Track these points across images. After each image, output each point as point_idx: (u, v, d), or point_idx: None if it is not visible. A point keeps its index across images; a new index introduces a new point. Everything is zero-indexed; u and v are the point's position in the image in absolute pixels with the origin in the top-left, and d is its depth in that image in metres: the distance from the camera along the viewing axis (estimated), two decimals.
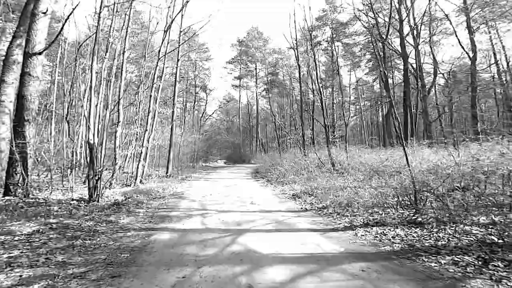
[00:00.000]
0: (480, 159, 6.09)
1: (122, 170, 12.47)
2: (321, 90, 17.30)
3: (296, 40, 18.31)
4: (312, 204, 7.86)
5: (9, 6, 12.06)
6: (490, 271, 3.33)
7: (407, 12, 21.92)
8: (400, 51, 22.31)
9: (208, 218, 6.45)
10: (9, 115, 7.84)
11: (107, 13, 17.69)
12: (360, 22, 25.92)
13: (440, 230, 4.85)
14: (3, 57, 8.64)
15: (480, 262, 3.58)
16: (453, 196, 6.06)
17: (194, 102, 40.20)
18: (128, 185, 11.63)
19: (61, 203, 7.39)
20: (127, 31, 13.14)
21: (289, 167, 14.99)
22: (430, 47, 24.11)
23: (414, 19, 22.43)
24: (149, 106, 12.83)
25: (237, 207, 7.66)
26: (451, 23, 22.24)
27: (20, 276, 3.40)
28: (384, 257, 4.03)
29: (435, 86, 25.33)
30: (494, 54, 23.71)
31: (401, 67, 25.00)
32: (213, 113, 44.13)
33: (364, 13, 23.41)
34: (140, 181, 12.42)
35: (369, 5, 22.18)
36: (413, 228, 5.21)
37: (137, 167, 11.79)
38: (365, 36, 31.60)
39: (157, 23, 19.04)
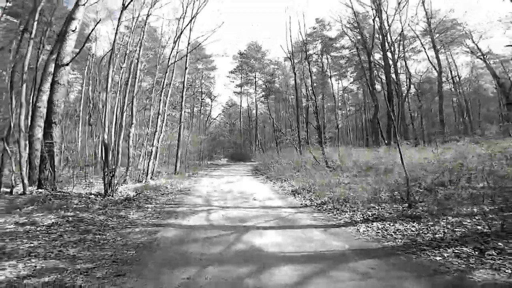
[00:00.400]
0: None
1: (135, 168, 11.91)
2: (315, 96, 16.85)
3: (292, 53, 18.25)
4: (312, 200, 7.29)
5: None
6: (489, 261, 3.10)
7: (384, 32, 22.15)
8: (383, 64, 22.35)
9: (213, 214, 5.88)
10: (42, 119, 8.23)
11: (126, 30, 17.47)
12: (348, 37, 26.70)
13: (435, 223, 4.53)
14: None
15: (477, 252, 3.33)
16: (442, 190, 5.83)
17: (200, 107, 40.74)
18: (140, 181, 11.08)
19: (81, 197, 7.16)
20: (140, 44, 12.91)
21: (287, 165, 14.44)
22: (405, 61, 25.23)
23: (390, 37, 22.85)
24: (159, 109, 12.32)
25: (240, 203, 7.08)
26: (421, 42, 24.62)
27: (35, 267, 3.17)
28: (389, 253, 3.57)
29: (408, 95, 26.13)
30: (451, 70, 25.83)
31: (381, 77, 25.40)
32: (217, 116, 43.89)
33: (350, 29, 23.84)
34: (151, 178, 11.88)
35: (356, 23, 22.54)
36: (410, 222, 4.79)
37: (148, 165, 11.25)
38: (350, 50, 32.36)
39: (169, 38, 18.47)
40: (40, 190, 7.42)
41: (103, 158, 7.94)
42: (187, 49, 16.06)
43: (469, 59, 26.17)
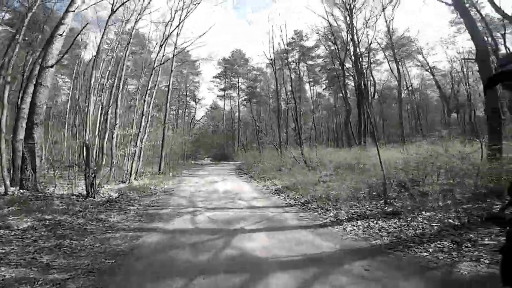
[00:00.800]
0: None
1: (119, 168, 11.09)
2: (295, 100, 16.76)
3: (274, 60, 18.19)
4: (295, 199, 6.95)
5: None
6: (467, 253, 3.05)
7: (356, 44, 22.88)
8: (355, 72, 22.94)
9: (198, 216, 5.34)
10: (25, 120, 7.78)
11: (114, 36, 16.49)
12: (324, 47, 27.54)
13: (413, 219, 4.41)
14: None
15: (455, 245, 3.27)
16: (415, 186, 5.79)
17: (185, 109, 40.37)
18: (124, 182, 10.29)
19: (62, 198, 6.57)
20: (127, 48, 12.12)
21: (269, 164, 14.11)
22: (370, 71, 26.38)
23: (359, 49, 23.44)
24: (143, 109, 11.54)
25: (225, 203, 6.59)
26: (384, 55, 26.73)
27: (4, 276, 2.71)
28: (379, 251, 3.34)
29: (372, 100, 27.40)
30: (405, 80, 27.97)
31: (351, 84, 26.60)
32: (201, 118, 43.15)
33: (326, 39, 24.51)
34: (135, 178, 11.09)
35: (331, 35, 23.11)
36: (391, 219, 4.62)
37: (132, 165, 10.47)
38: (323, 59, 33.82)
39: (156, 44, 17.61)
40: (22, 191, 6.82)
41: (84, 159, 7.35)
42: (173, 53, 15.33)
43: (419, 71, 29.43)
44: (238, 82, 42.15)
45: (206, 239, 3.93)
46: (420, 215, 4.49)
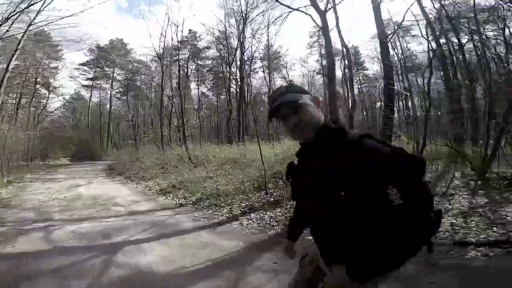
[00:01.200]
0: None
1: None
2: (181, 97, 15.76)
3: (162, 55, 16.58)
4: (186, 198, 6.29)
5: None
6: None
7: (243, 52, 24.74)
8: (239, 76, 24.27)
9: (57, 231, 3.87)
10: None
11: None
12: (216, 50, 28.16)
13: (291, 206, 4.60)
14: None
15: None
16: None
17: (32, 98, 30.39)
18: None
19: None
20: None
21: (150, 162, 12.55)
22: (249, 77, 28.46)
23: (242, 56, 25.24)
24: None
25: (96, 212, 5.14)
26: (262, 65, 29.44)
27: None
28: (277, 242, 3.30)
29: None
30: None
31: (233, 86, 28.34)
32: (56, 109, 33.70)
33: (219, 43, 24.95)
34: None
35: (225, 39, 23.62)
36: (276, 208, 4.81)
37: None
38: (211, 61, 34.49)
39: None
40: None
41: None
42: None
43: (282, 82, 33.59)
44: (114, 73, 36.60)
45: (75, 260, 2.83)
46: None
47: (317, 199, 0.87)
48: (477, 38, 9.03)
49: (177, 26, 17.73)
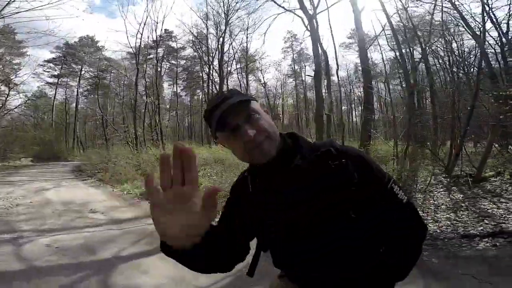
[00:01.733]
0: None
1: None
2: (158, 95, 15.03)
3: (138, 53, 15.65)
4: None
5: None
6: None
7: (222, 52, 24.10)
8: (219, 77, 24.02)
9: (28, 245, 3.24)
10: None
11: None
12: (193, 50, 27.80)
13: None
14: None
15: None
16: None
17: None
18: None
19: None
20: None
21: (125, 163, 11.66)
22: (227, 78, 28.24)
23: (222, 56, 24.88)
24: None
25: (71, 220, 4.47)
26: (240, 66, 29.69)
27: None
28: None
29: None
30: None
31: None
32: (16, 107, 30.49)
33: (200, 42, 24.65)
34: None
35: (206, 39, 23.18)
36: None
37: None
38: (186, 61, 34.42)
39: None
40: None
41: None
42: None
43: (256, 85, 34.74)
44: (81, 70, 34.29)
45: (61, 284, 2.29)
46: None
47: (287, 218, 0.70)
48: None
49: (157, 23, 17.23)
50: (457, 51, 10.39)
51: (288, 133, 0.79)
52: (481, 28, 6.82)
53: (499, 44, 8.28)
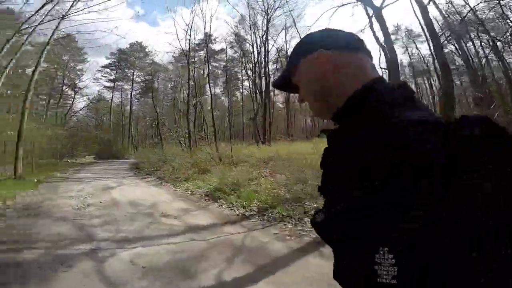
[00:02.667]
0: None
1: None
2: (212, 96, 14.88)
3: (189, 54, 15.74)
4: (244, 206, 5.06)
5: None
6: None
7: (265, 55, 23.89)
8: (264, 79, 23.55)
9: (111, 261, 2.63)
10: None
11: None
12: (235, 50, 28.10)
13: None
14: None
15: None
16: None
17: (60, 99, 31.17)
18: None
19: None
20: None
21: (182, 162, 11.48)
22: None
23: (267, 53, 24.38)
24: None
25: (146, 226, 3.90)
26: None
27: None
28: None
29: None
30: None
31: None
32: (80, 109, 34.03)
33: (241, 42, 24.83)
34: None
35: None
36: None
37: None
38: (224, 63, 34.48)
39: None
40: None
41: None
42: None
43: None
44: (134, 74, 36.86)
45: None
46: None
47: None
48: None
49: (205, 22, 17.37)
50: None
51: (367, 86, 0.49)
52: None
53: None
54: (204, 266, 2.52)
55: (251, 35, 23.71)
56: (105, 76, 37.00)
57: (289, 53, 0.65)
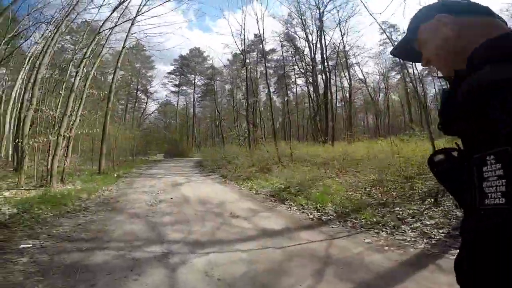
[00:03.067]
0: None
1: (36, 167, 7.18)
2: (271, 96, 14.65)
3: (245, 52, 15.74)
4: (317, 208, 4.46)
5: None
6: None
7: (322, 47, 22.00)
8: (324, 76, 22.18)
9: (183, 270, 2.32)
10: None
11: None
12: (288, 47, 27.37)
13: None
14: None
15: None
16: None
17: (135, 104, 36.00)
18: (41, 186, 6.54)
19: None
20: None
21: (243, 160, 11.45)
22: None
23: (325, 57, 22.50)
24: (73, 85, 7.57)
25: (217, 229, 3.58)
26: (341, 63, 24.73)
27: None
28: None
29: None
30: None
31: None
32: (152, 113, 38.47)
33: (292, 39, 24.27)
34: (61, 180, 7.31)
35: (306, 38, 21.81)
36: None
37: (51, 162, 6.64)
38: (275, 63, 33.43)
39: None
40: None
41: None
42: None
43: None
44: (195, 79, 39.64)
45: None
46: None
47: None
48: None
49: (257, 20, 17.23)
50: None
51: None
52: None
53: None
54: (287, 282, 2.02)
55: (305, 30, 22.42)
56: (171, 82, 40.71)
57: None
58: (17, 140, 7.41)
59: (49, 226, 3.55)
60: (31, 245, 2.91)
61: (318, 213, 4.24)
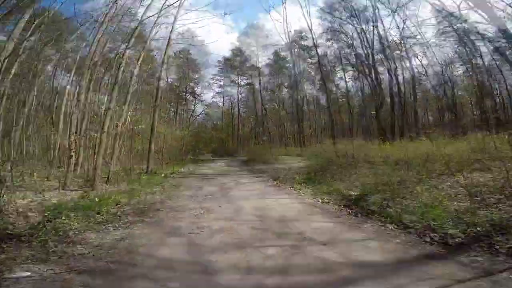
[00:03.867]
0: None
1: (80, 166, 6.98)
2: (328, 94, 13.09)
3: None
4: (434, 229, 2.85)
5: None
6: None
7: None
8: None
9: None
10: None
11: None
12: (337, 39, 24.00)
13: None
14: None
15: None
16: None
17: (184, 105, 37.84)
18: (84, 187, 6.21)
19: None
20: None
21: (296, 161, 10.15)
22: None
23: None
24: (117, 76, 7.16)
25: (284, 258, 2.39)
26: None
27: None
28: None
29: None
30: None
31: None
32: (200, 113, 40.11)
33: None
34: (106, 182, 6.95)
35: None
36: None
37: (95, 162, 6.23)
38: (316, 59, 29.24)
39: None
40: None
41: None
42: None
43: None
44: (238, 80, 40.82)
45: None
46: None
47: None
48: None
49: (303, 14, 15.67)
50: None
51: None
52: None
53: None
54: None
55: (359, 21, 19.84)
56: (216, 83, 42.03)
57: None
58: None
59: (66, 244, 2.72)
60: (29, 274, 2.06)
61: (435, 234, 2.70)
